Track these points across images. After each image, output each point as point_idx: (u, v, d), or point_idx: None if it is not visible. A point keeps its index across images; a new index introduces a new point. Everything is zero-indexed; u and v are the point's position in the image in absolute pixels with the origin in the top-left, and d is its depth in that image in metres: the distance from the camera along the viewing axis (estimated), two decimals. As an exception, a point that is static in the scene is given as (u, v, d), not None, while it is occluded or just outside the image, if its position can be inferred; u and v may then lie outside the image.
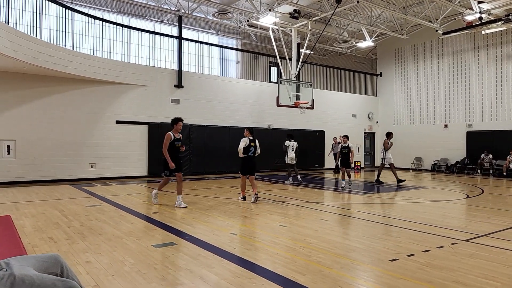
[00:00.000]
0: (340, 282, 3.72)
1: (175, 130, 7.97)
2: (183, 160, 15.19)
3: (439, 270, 4.07)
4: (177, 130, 8.00)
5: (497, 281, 3.78)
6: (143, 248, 4.85)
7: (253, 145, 8.65)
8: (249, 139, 8.66)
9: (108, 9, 16.06)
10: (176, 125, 7.98)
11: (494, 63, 17.41)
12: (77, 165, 13.12)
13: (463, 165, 17.94)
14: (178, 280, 3.74)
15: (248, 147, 8.58)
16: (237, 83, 17.42)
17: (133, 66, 14.53)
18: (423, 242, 5.25)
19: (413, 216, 7.30)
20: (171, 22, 17.59)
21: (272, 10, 14.01)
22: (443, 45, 19.29)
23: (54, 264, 2.86)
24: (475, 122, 18.04)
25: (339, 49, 21.14)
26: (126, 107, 14.17)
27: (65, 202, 8.59)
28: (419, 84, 20.43)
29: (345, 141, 12.08)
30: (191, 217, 6.94)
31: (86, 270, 4.01)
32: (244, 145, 8.57)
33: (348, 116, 21.12)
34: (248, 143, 8.59)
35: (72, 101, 13.04)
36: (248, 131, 8.82)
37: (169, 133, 7.86)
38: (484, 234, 5.80)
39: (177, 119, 7.98)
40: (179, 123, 7.99)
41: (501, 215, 7.50)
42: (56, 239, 5.31)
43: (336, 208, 8.25)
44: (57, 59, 11.55)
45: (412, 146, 20.36)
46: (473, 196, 10.39)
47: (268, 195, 10.14)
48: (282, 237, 5.54)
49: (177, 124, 7.98)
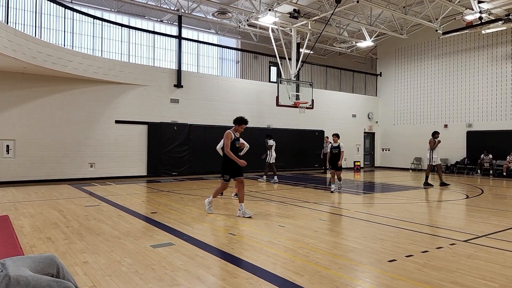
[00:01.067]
0: (337, 283, 3.71)
1: (235, 130, 7.26)
2: (183, 160, 15.24)
3: (437, 271, 4.06)
4: (237, 130, 7.28)
5: (495, 282, 3.76)
6: (141, 249, 4.84)
7: None
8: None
9: (107, 9, 16.06)
10: (239, 126, 7.24)
11: (494, 63, 17.38)
12: (77, 165, 13.11)
13: (463, 165, 17.92)
14: (175, 281, 3.73)
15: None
16: (237, 83, 17.41)
17: (133, 66, 14.52)
18: (421, 243, 5.24)
19: (412, 216, 7.29)
20: (171, 22, 17.59)
21: (272, 9, 14.00)
22: (443, 45, 19.27)
23: (50, 264, 2.85)
24: (475, 122, 18.02)
25: (339, 49, 21.13)
26: (125, 107, 14.17)
27: (64, 202, 8.59)
28: (419, 84, 20.40)
29: (335, 140, 10.82)
30: (190, 217, 6.93)
31: (84, 270, 4.00)
32: None
33: (348, 116, 21.11)
34: None
35: (71, 101, 13.03)
36: None
37: (229, 132, 7.15)
38: (483, 234, 5.79)
39: (243, 121, 7.24)
40: (243, 125, 7.26)
41: (500, 215, 7.48)
42: (54, 239, 5.30)
43: (335, 208, 8.24)
44: (56, 58, 11.55)
45: (412, 146, 20.33)
46: (473, 196, 10.38)
47: (267, 195, 10.13)
48: (280, 238, 5.53)
49: (240, 126, 7.24)
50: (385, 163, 22.07)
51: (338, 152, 10.60)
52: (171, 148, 14.99)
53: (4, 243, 4.65)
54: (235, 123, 7.28)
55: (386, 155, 22.13)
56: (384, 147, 22.14)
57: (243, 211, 7.08)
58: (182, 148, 15.29)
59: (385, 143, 22.16)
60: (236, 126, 7.25)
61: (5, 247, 4.42)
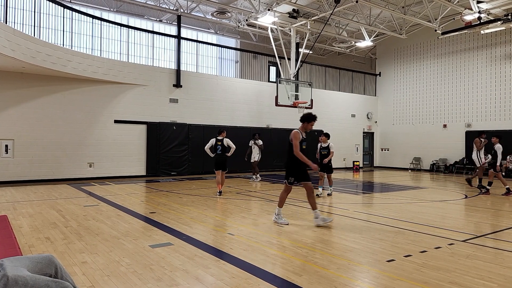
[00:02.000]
0: (336, 283, 3.72)
1: (302, 128, 6.50)
2: (182, 160, 15.23)
3: (436, 271, 4.07)
4: (307, 128, 6.51)
5: (494, 282, 3.77)
6: (140, 249, 4.84)
7: (219, 144, 9.96)
8: (216, 139, 10.03)
9: (106, 9, 16.04)
10: (308, 123, 6.48)
11: (494, 63, 17.40)
12: (76, 164, 13.11)
13: (462, 165, 17.93)
14: (173, 281, 3.73)
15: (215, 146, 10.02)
16: (236, 82, 17.41)
17: (132, 66, 14.51)
18: (420, 243, 5.24)
19: (411, 216, 7.29)
20: (170, 22, 17.57)
21: (271, 9, 13.99)
22: (442, 45, 19.28)
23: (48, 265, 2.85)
24: (474, 122, 18.04)
25: (338, 48, 21.13)
26: (124, 107, 14.16)
27: (63, 202, 8.58)
28: (418, 84, 20.42)
29: (324, 140, 10.13)
30: (189, 217, 6.93)
31: (82, 270, 4.00)
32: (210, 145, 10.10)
33: (347, 116, 21.12)
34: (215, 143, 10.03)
35: (70, 101, 13.02)
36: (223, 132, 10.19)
37: (297, 131, 6.39)
38: (481, 234, 5.80)
39: (313, 117, 6.50)
40: (312, 122, 6.53)
41: (499, 215, 7.49)
42: (53, 239, 5.29)
43: (334, 208, 8.24)
44: (55, 58, 11.54)
45: (411, 146, 20.35)
46: (472, 196, 10.39)
47: (266, 195, 10.13)
48: (279, 238, 5.54)
49: (309, 123, 6.50)
50: (384, 163, 22.08)
51: (327, 153, 9.93)
52: (170, 148, 14.98)
53: (2, 243, 4.65)
54: (304, 120, 6.49)
55: (385, 155, 22.14)
56: (383, 147, 22.16)
57: (321, 218, 6.28)
58: (181, 148, 15.29)
59: (384, 143, 22.17)
60: (305, 123, 6.48)
61: (4, 247, 4.42)
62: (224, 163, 9.99)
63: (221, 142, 9.93)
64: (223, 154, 10.00)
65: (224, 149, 9.97)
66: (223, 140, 9.94)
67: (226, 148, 9.98)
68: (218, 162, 9.97)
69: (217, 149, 9.99)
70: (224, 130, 10.29)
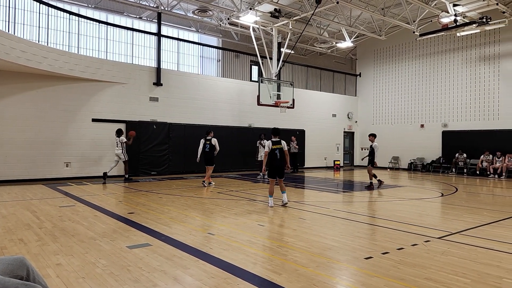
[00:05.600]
0: (315, 281, 3.73)
1: None
2: (162, 160, 15.03)
3: (412, 268, 4.14)
4: None
5: (467, 277, 3.87)
6: (117, 250, 4.75)
7: (208, 143, 11.55)
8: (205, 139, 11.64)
9: (84, 4, 15.67)
10: None
11: (469, 65, 17.91)
12: (51, 164, 12.75)
13: (439, 164, 18.39)
14: (151, 282, 3.67)
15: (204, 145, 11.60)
16: (218, 81, 17.32)
17: (111, 63, 14.23)
18: (397, 240, 5.34)
19: (389, 214, 7.42)
20: (150, 19, 17.33)
21: (253, 8, 13.98)
22: (420, 47, 19.72)
23: (20, 267, 2.75)
24: (450, 122, 18.52)
25: (320, 49, 21.31)
26: (103, 105, 13.87)
27: (37, 202, 8.34)
28: (397, 85, 20.82)
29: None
30: (168, 217, 6.84)
31: (56, 272, 3.89)
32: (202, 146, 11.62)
33: (328, 115, 21.33)
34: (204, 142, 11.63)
35: (46, 99, 12.66)
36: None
37: None
38: (456, 231, 5.95)
39: None
40: None
41: (473, 213, 7.71)
42: (27, 240, 5.13)
43: (315, 207, 8.30)
44: (30, 55, 11.20)
45: (390, 145, 20.72)
46: (448, 194, 10.66)
47: (247, 194, 10.12)
48: (260, 237, 5.53)
49: None
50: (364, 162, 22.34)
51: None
52: (150, 147, 14.77)
53: (-28, 245, 4.47)
54: None
55: (365, 154, 22.41)
56: (363, 146, 22.47)
57: None
58: (162, 147, 15.10)
59: (364, 142, 22.47)
60: None
61: (-27, 249, 4.25)
62: (212, 159, 11.64)
63: (210, 142, 11.53)
64: (211, 151, 11.56)
65: (212, 147, 11.54)
66: (211, 139, 11.55)
67: (214, 146, 11.55)
68: (207, 158, 11.60)
69: (205, 147, 11.56)
70: (211, 131, 11.96)
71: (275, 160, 8.12)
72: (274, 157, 8.11)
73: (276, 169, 8.20)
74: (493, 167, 16.12)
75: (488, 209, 8.19)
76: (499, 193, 11.51)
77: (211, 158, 11.62)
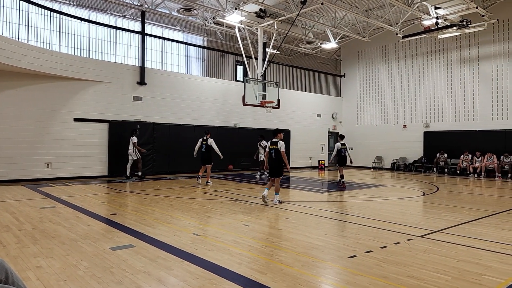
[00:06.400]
0: (300, 280, 3.75)
1: None
2: (146, 160, 14.85)
3: (395, 266, 4.21)
4: None
5: (448, 275, 3.95)
6: (100, 251, 4.66)
7: (204, 143, 11.97)
8: (203, 139, 12.07)
9: (66, 2, 15.35)
10: None
11: (449, 67, 18.32)
12: (31, 164, 12.44)
13: (421, 163, 18.74)
14: (135, 284, 3.62)
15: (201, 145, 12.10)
16: (203, 81, 17.22)
17: (93, 62, 13.98)
18: (381, 239, 5.41)
19: (373, 213, 7.52)
20: (134, 17, 17.11)
21: (238, 8, 13.95)
22: (403, 49, 20.06)
23: (-2, 270, 2.67)
24: (431, 123, 18.90)
25: (305, 49, 21.44)
26: (85, 104, 13.61)
27: (17, 203, 8.12)
28: (380, 86, 21.13)
29: None
30: (152, 218, 6.76)
31: (36, 275, 3.79)
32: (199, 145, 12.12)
33: (313, 116, 21.48)
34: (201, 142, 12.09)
35: (26, 97, 12.34)
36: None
37: None
38: (438, 230, 6.07)
39: None
40: None
41: (454, 211, 7.88)
42: (6, 243, 4.99)
43: (300, 206, 8.34)
44: (9, 52, 10.90)
45: (373, 145, 21.02)
46: (429, 193, 10.88)
47: (232, 194, 10.09)
48: (245, 237, 5.52)
49: None
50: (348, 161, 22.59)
51: None
52: (134, 147, 14.54)
53: None
54: None
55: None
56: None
57: None
58: (146, 147, 14.90)
59: (348, 142, 22.58)
60: None
61: None
62: (208, 159, 12.05)
63: (206, 142, 12.00)
64: (207, 151, 11.96)
65: (208, 147, 11.97)
66: (207, 140, 12.01)
67: (210, 146, 11.96)
68: (203, 158, 12.07)
69: (202, 147, 12.05)
70: (209, 132, 12.43)
71: (270, 160, 8.55)
72: (270, 157, 8.55)
73: (270, 168, 8.57)
74: (472, 167, 16.52)
75: (468, 207, 8.40)
76: (479, 192, 11.81)
77: (208, 158, 12.03)
